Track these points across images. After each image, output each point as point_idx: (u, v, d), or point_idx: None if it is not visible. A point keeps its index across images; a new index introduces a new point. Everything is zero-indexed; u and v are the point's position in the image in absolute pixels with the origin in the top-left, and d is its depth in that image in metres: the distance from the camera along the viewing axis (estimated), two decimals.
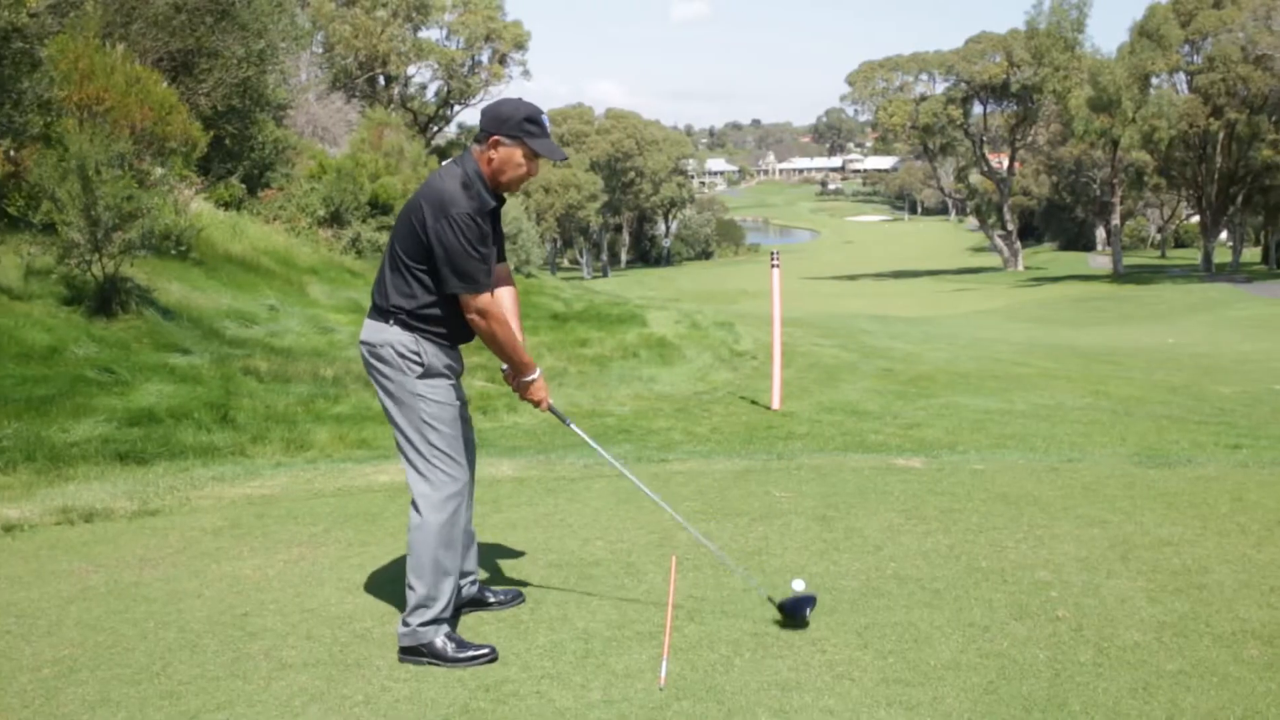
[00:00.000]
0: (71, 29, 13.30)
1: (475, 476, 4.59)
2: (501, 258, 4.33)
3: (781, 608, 4.37)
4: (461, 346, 4.29)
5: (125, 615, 4.65)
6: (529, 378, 4.28)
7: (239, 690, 3.86)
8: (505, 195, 4.24)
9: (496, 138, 4.07)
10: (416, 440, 4.14)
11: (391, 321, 4.14)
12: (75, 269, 11.00)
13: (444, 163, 4.24)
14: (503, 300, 4.28)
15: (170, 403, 9.46)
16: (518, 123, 4.07)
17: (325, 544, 5.66)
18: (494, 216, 4.20)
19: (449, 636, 4.11)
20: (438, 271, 4.03)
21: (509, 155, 4.09)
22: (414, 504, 4.16)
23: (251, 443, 8.94)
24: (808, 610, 4.36)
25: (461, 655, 4.05)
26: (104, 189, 10.66)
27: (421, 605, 4.11)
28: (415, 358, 4.12)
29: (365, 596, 4.83)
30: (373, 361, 4.19)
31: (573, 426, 4.53)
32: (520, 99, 4.19)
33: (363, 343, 4.24)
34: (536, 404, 4.35)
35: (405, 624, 4.12)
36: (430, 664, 4.05)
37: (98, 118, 12.21)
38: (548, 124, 4.17)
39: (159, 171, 13.03)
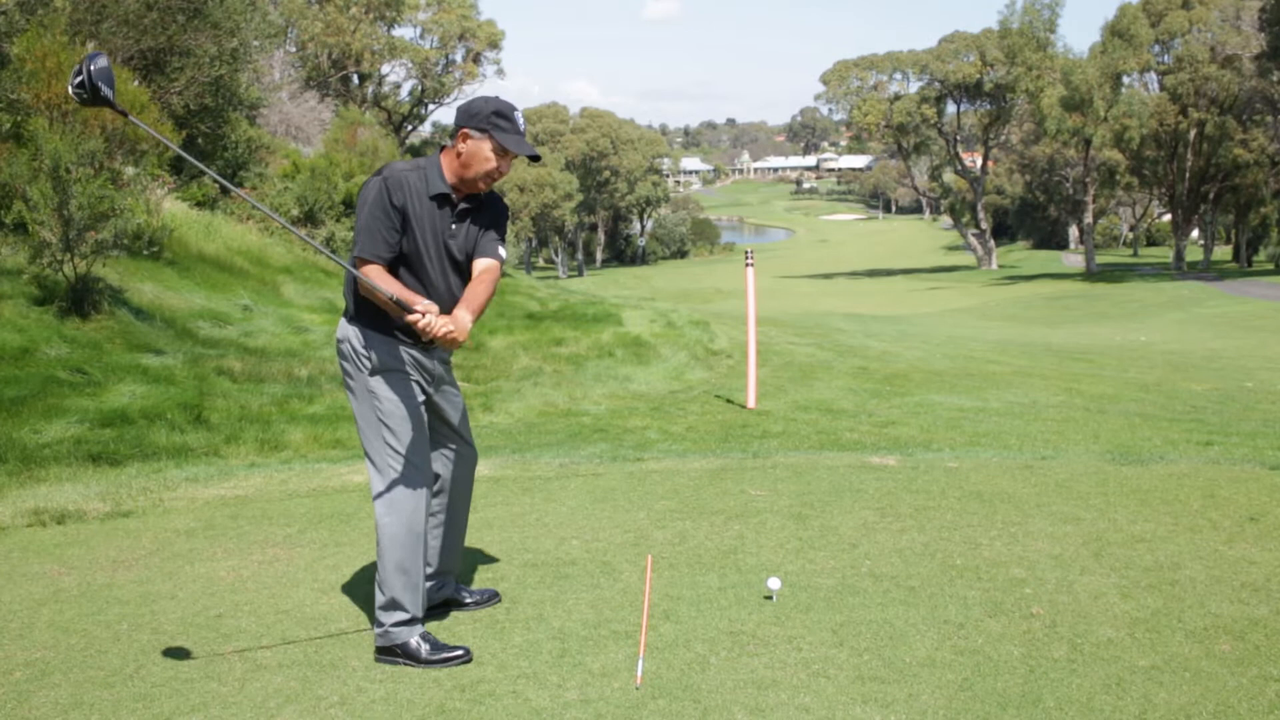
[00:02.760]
0: (40, 27, 13.18)
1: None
2: (492, 254, 4.24)
3: None
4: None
5: (98, 617, 4.62)
6: (413, 316, 3.82)
7: (213, 692, 3.84)
8: (480, 193, 4.21)
9: (465, 130, 4.07)
10: (372, 438, 4.14)
11: (348, 317, 4.18)
12: (47, 269, 10.92)
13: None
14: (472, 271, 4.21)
15: (143, 403, 9.40)
16: (486, 116, 4.07)
17: (300, 545, 5.64)
18: (464, 214, 4.19)
19: (423, 637, 4.10)
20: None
21: (476, 148, 4.08)
22: (375, 504, 4.16)
23: (225, 443, 8.89)
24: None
25: (435, 657, 4.04)
26: (76, 189, 10.59)
27: (390, 606, 4.10)
28: (366, 354, 4.13)
29: (340, 597, 4.81)
30: (338, 359, 4.24)
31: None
32: (495, 96, 4.19)
33: (338, 339, 4.26)
34: (447, 340, 3.86)
35: (379, 624, 4.11)
36: (405, 664, 4.05)
37: (66, 116, 12.12)
38: (520, 120, 4.14)
39: (131, 171, 12.94)
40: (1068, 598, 4.52)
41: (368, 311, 4.12)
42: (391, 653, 4.08)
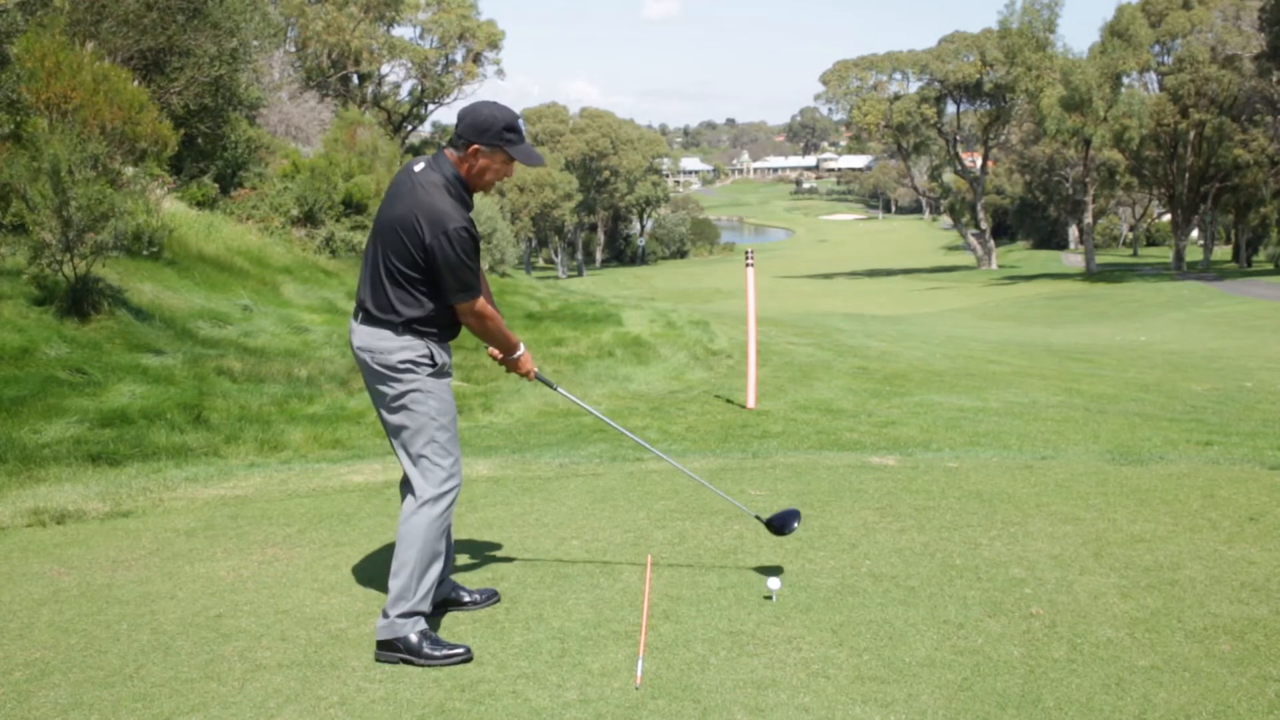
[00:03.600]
0: (40, 27, 13.18)
1: None
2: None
3: (770, 524, 4.89)
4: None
5: (98, 617, 4.62)
6: (518, 354, 4.50)
7: (213, 692, 3.84)
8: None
9: (476, 147, 4.15)
10: (423, 437, 4.20)
11: (401, 331, 4.18)
12: (46, 269, 10.91)
13: (417, 165, 4.24)
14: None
15: (143, 403, 9.40)
16: (497, 132, 4.15)
17: (300, 545, 5.64)
18: None
19: (425, 634, 4.11)
20: (437, 283, 4.14)
21: (488, 164, 4.19)
22: (413, 496, 4.22)
23: (225, 443, 8.89)
24: (795, 524, 4.88)
25: (436, 654, 4.05)
26: (76, 189, 10.58)
27: (402, 596, 4.12)
28: (428, 361, 4.20)
29: (340, 597, 4.81)
30: (378, 368, 4.21)
31: (561, 391, 4.83)
32: (496, 103, 4.23)
33: (364, 349, 4.24)
34: (525, 375, 4.59)
35: (385, 615, 4.14)
36: (404, 660, 4.06)
37: (66, 117, 12.11)
38: (524, 129, 4.27)
39: (131, 171, 12.93)
40: (1067, 598, 4.52)
41: (427, 322, 4.20)
42: (393, 647, 4.09)
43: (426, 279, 4.13)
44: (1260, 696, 3.58)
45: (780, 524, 4.94)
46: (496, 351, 4.54)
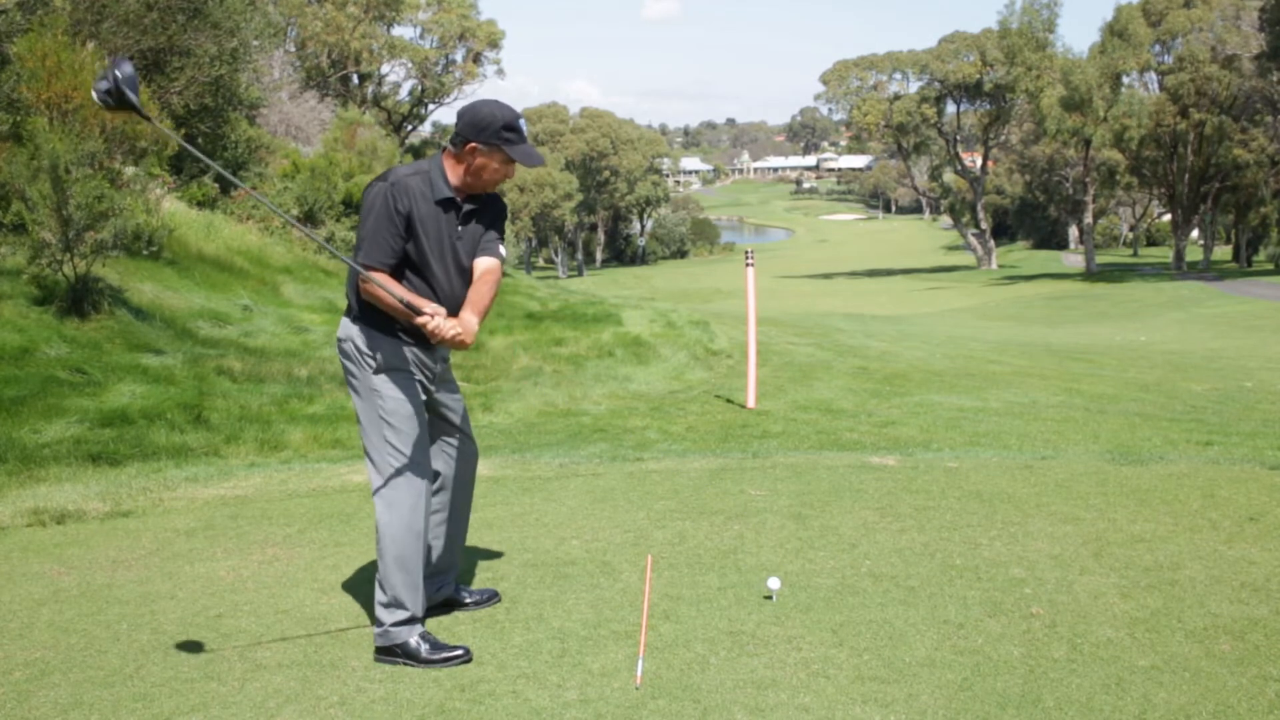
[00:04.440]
0: (40, 26, 13.18)
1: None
2: (493, 254, 4.29)
3: None
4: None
5: (98, 617, 4.62)
6: (423, 320, 3.92)
7: (213, 692, 3.84)
8: (497, 194, 4.31)
9: (474, 145, 4.08)
10: (373, 436, 4.16)
11: (351, 316, 4.19)
12: (46, 269, 10.91)
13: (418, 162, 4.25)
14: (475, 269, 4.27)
15: (143, 403, 9.40)
16: (496, 130, 4.08)
17: (300, 545, 5.64)
18: (468, 216, 4.21)
19: (423, 636, 4.10)
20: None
21: (486, 162, 4.12)
22: (375, 502, 4.18)
23: (225, 443, 8.89)
24: None
25: (435, 656, 4.04)
26: (75, 189, 10.58)
27: (390, 605, 4.11)
28: (370, 353, 4.15)
29: (340, 597, 4.81)
30: (340, 357, 4.26)
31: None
32: (498, 102, 4.16)
33: (338, 339, 4.28)
34: (449, 342, 3.99)
35: (379, 623, 4.12)
36: (405, 664, 4.05)
37: (67, 116, 12.11)
38: (525, 128, 4.19)
39: (131, 171, 12.93)
40: (1067, 598, 4.52)
41: (371, 311, 4.14)
42: (391, 653, 4.08)
43: None
44: (1260, 696, 3.58)
45: None
46: (425, 324, 3.94)
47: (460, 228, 4.19)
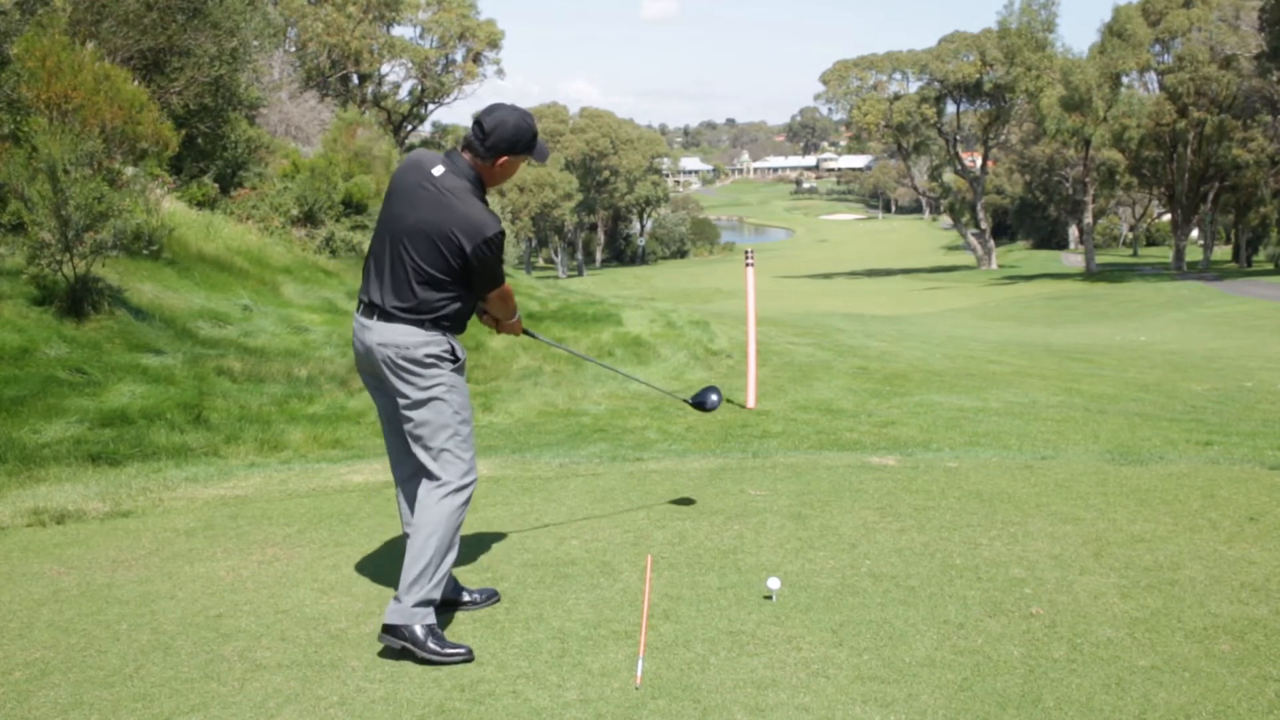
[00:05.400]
0: (39, 27, 13.16)
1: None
2: None
3: (692, 403, 5.66)
4: None
5: (98, 617, 4.62)
6: (517, 315, 4.95)
7: (213, 692, 3.84)
8: None
9: (506, 159, 4.30)
10: (447, 431, 4.27)
11: (429, 326, 4.25)
12: (46, 269, 10.90)
13: (435, 168, 4.24)
14: None
15: (143, 403, 9.40)
16: (527, 143, 4.32)
17: (299, 545, 5.64)
18: None
19: (431, 629, 4.12)
20: (470, 283, 4.30)
21: (513, 167, 4.37)
22: (433, 486, 4.25)
23: (225, 443, 8.89)
24: (714, 396, 5.66)
25: (438, 650, 4.06)
26: (74, 189, 10.57)
27: (418, 583, 4.13)
28: (450, 356, 4.28)
29: (340, 597, 4.81)
30: (402, 363, 4.25)
31: (542, 338, 5.65)
32: (517, 110, 4.33)
33: (387, 345, 4.26)
34: (515, 333, 4.96)
35: (397, 600, 4.14)
36: (406, 650, 4.07)
37: (67, 116, 12.10)
38: (535, 120, 4.46)
39: (130, 171, 12.92)
40: (1067, 598, 4.52)
41: (451, 318, 4.31)
42: (398, 633, 4.09)
43: (458, 280, 4.25)
44: (1260, 696, 3.58)
45: (700, 400, 5.67)
46: (495, 316, 4.82)
47: None
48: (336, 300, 16.12)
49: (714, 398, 5.71)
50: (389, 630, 4.12)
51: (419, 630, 4.09)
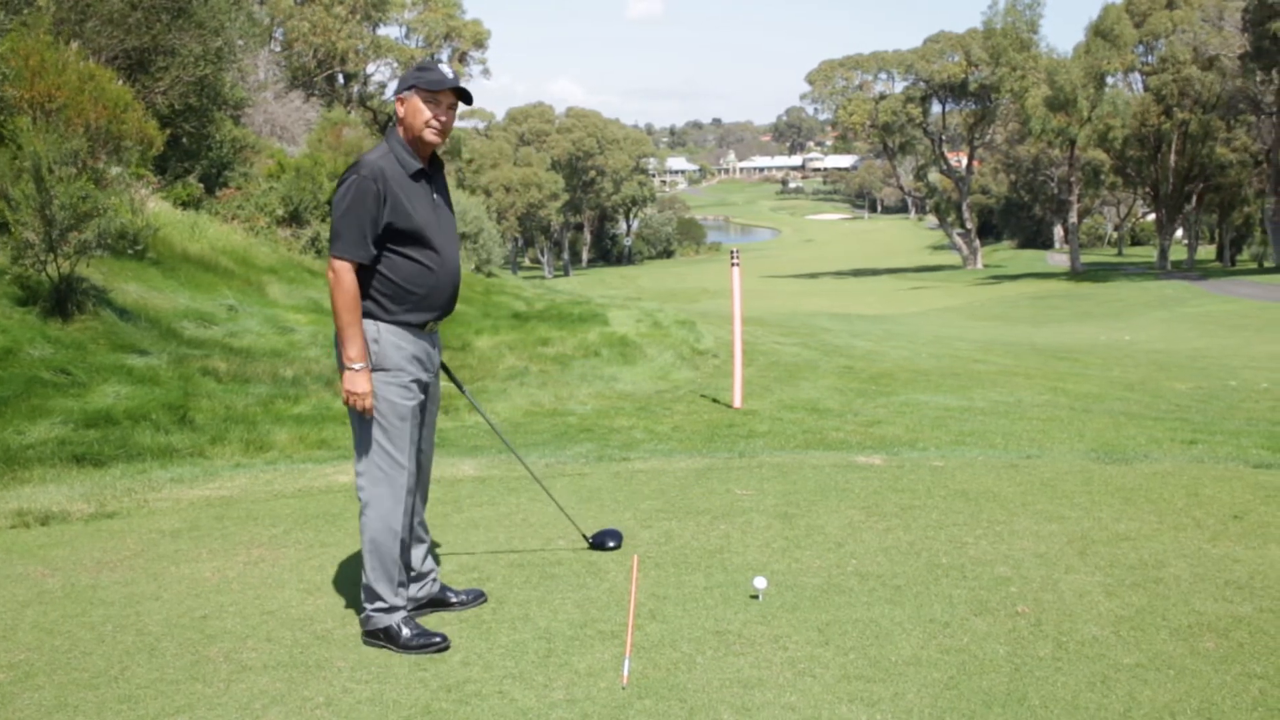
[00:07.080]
0: (24, 26, 13.12)
1: (432, 475, 4.62)
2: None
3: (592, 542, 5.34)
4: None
5: (82, 619, 4.60)
6: (352, 367, 4.05)
7: (198, 694, 3.83)
8: (438, 156, 4.29)
9: (399, 98, 4.16)
10: (361, 432, 4.19)
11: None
12: (30, 269, 10.86)
13: None
14: None
15: (127, 404, 9.37)
16: (409, 74, 4.16)
17: (285, 545, 5.63)
18: (435, 182, 4.26)
19: (405, 621, 4.20)
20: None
21: (410, 107, 4.13)
22: (359, 497, 4.23)
23: (210, 444, 8.87)
24: (611, 543, 5.32)
25: (416, 640, 4.14)
26: (59, 188, 10.53)
27: (371, 596, 4.23)
28: (373, 346, 4.13)
29: (326, 598, 4.80)
30: (337, 352, 4.24)
31: (466, 392, 5.21)
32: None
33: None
34: (352, 402, 4.09)
35: (362, 608, 4.26)
36: (387, 648, 4.14)
37: (51, 116, 12.06)
38: (445, 67, 4.19)
39: (115, 170, 12.87)
40: (1053, 596, 4.53)
41: (376, 307, 4.13)
42: (375, 636, 4.20)
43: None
44: (1244, 694, 3.60)
45: (599, 541, 5.35)
46: (347, 369, 4.09)
47: (435, 196, 4.25)
48: (322, 300, 16.08)
49: (611, 544, 5.33)
50: (367, 635, 4.25)
51: (392, 627, 4.19)
